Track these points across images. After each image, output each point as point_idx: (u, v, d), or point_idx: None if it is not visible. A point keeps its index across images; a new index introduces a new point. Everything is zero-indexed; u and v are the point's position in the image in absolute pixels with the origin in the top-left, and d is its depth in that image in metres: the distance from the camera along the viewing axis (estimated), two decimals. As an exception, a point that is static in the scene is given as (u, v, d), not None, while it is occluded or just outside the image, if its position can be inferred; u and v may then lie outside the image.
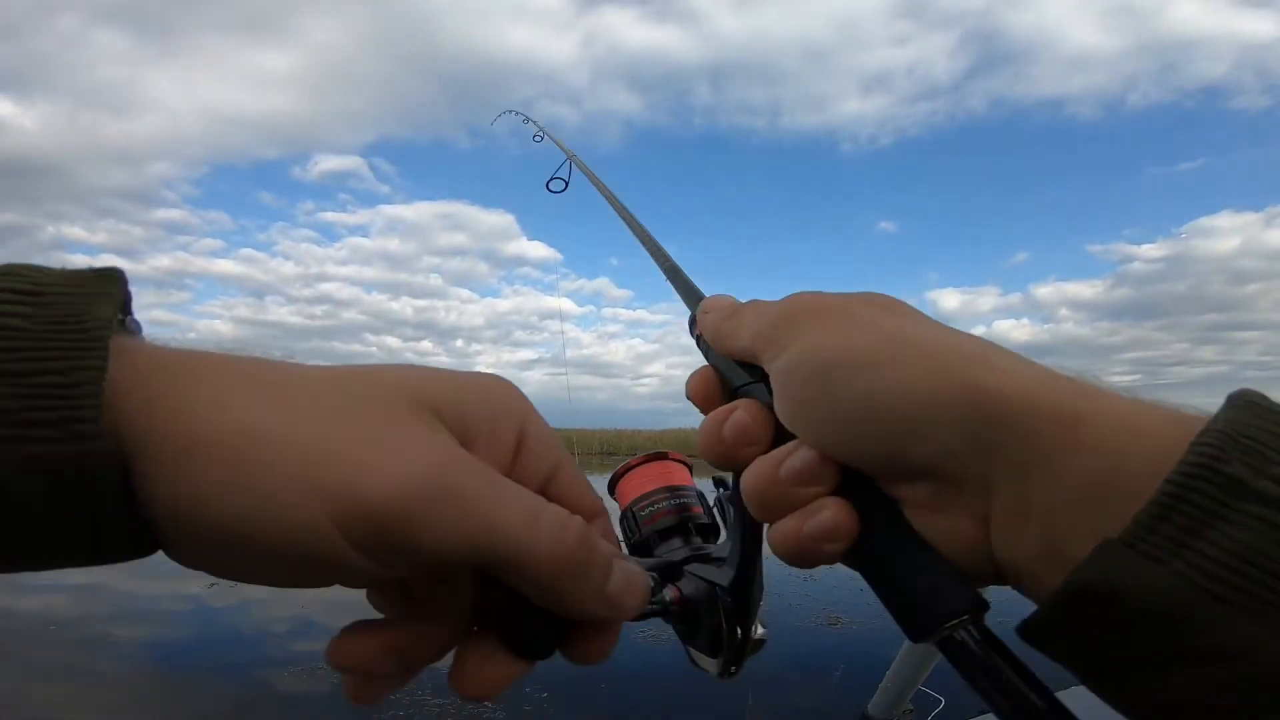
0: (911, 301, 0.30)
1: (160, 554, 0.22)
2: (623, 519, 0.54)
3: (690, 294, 0.46)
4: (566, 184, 0.99)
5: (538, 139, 1.17)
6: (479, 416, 0.25)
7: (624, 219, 0.64)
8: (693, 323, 0.39)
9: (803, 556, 0.27)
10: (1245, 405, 0.22)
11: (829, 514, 0.26)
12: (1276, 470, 0.20)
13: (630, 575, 0.26)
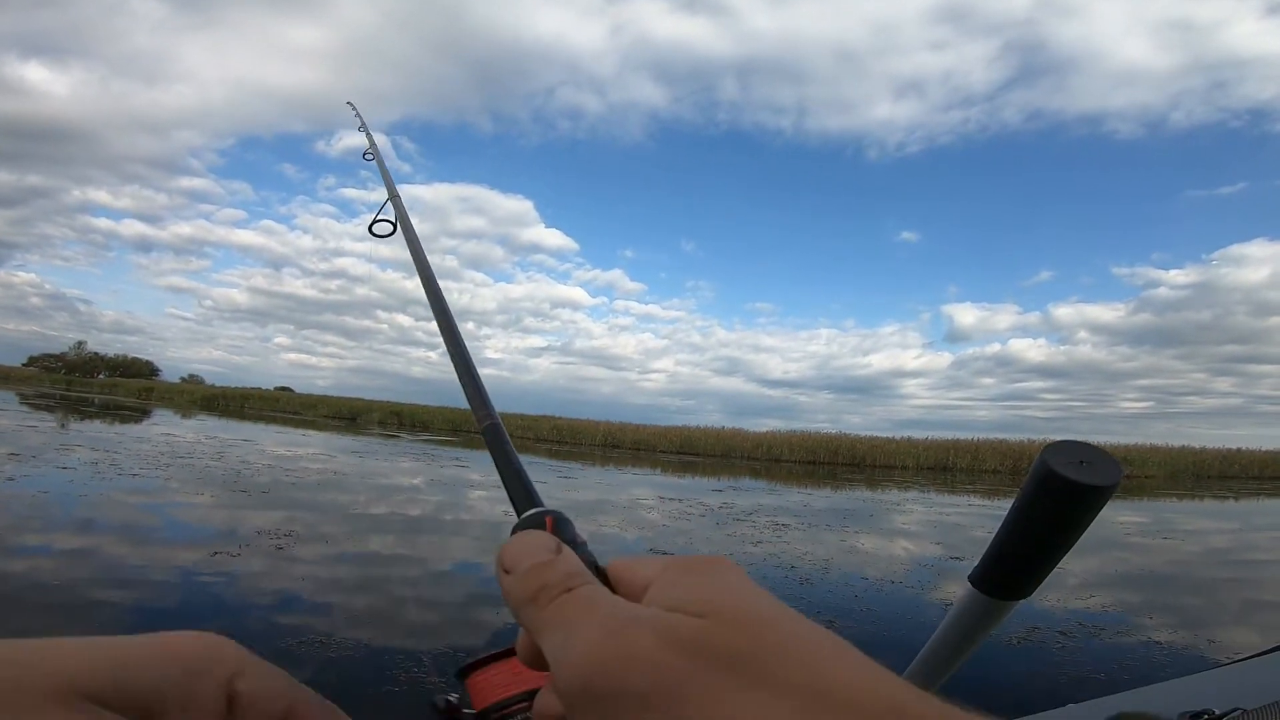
0: (927, 315, 0.22)
1: (154, 522, 0.21)
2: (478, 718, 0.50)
3: (514, 484, 0.38)
4: (395, 228, 0.82)
5: (368, 157, 0.97)
6: (162, 687, 0.24)
7: (437, 316, 0.55)
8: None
9: None
10: None
11: None
12: None
13: None
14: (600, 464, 22.06)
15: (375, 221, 0.82)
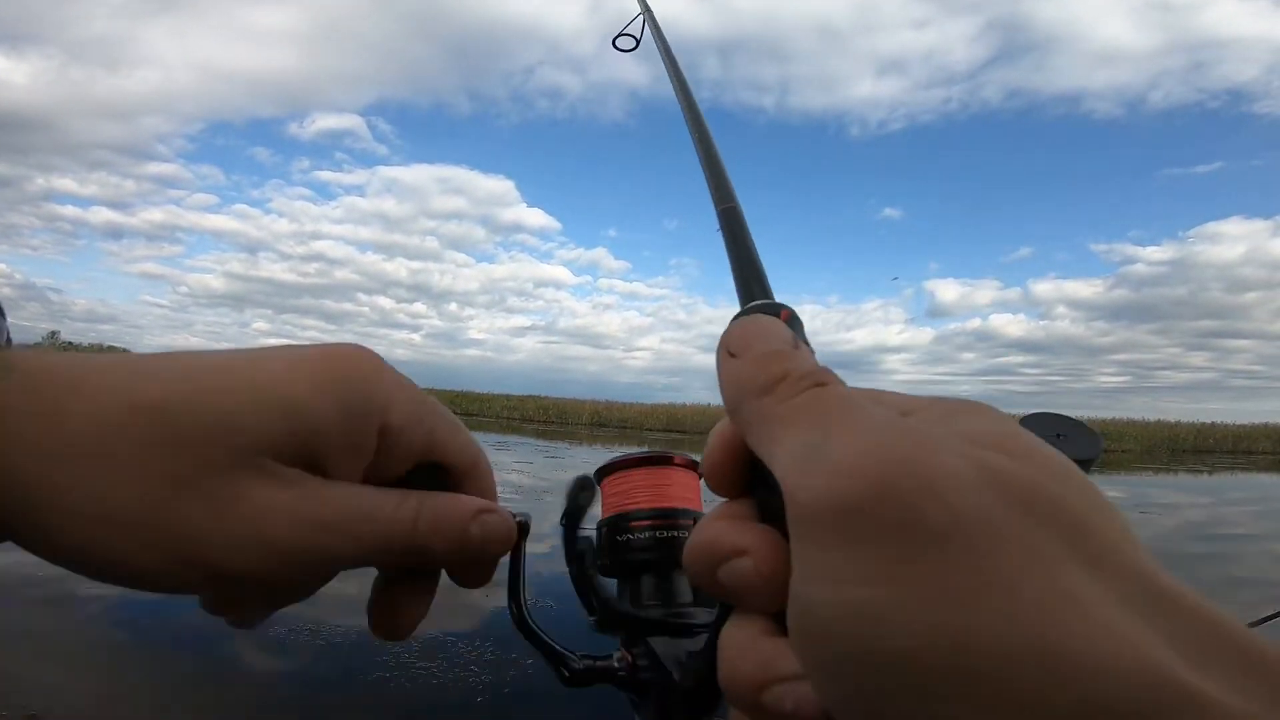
0: (910, 291, 0.18)
1: None
2: (600, 529, 0.45)
3: (743, 270, 0.31)
4: (638, 42, 0.80)
5: None
6: (329, 433, 0.24)
7: (685, 110, 0.51)
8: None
9: None
10: None
11: None
12: None
13: (486, 529, 0.27)
14: (588, 443, 22.05)
15: (619, 36, 0.80)
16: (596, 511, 0.45)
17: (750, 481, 0.21)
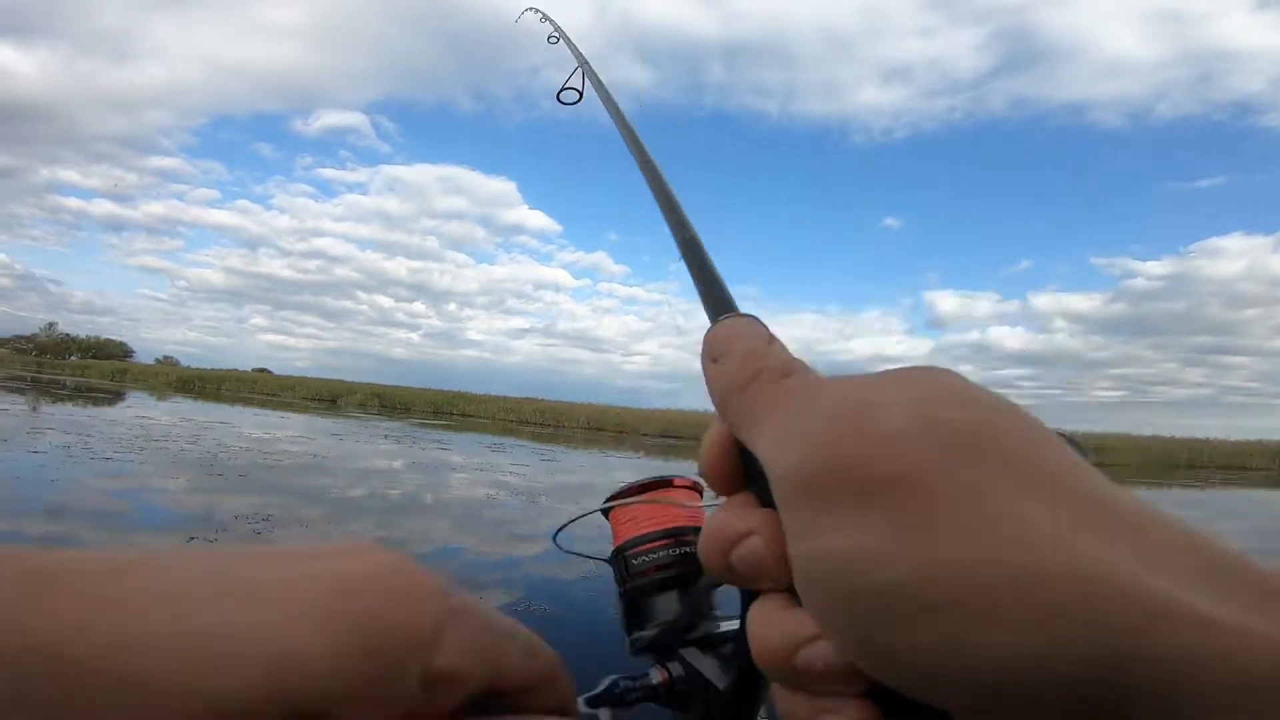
0: (908, 302, 0.19)
1: (128, 507, 0.19)
2: (614, 559, 0.48)
3: (710, 291, 0.31)
4: (580, 95, 0.86)
5: (552, 40, 1.06)
6: (341, 687, 0.16)
7: (634, 152, 0.51)
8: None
9: None
10: None
11: None
12: None
13: None
14: (583, 447, 22.03)
15: (563, 90, 0.86)
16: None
17: (746, 477, 0.24)
